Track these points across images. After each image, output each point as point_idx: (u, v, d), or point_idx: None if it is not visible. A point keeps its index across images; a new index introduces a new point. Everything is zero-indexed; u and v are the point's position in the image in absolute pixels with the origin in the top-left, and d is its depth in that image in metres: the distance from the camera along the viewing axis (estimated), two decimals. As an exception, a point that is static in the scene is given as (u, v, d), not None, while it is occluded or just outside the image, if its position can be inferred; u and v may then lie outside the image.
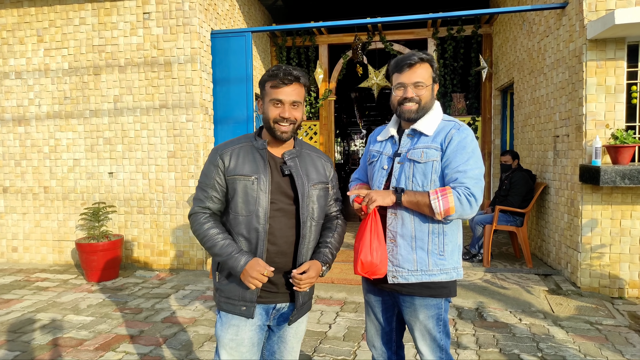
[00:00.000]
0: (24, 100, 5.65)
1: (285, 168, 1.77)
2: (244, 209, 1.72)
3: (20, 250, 5.78)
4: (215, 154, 1.79)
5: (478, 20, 7.47)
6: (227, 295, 1.78)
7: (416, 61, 1.86)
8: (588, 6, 4.10)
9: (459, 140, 1.82)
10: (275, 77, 1.70)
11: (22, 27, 5.60)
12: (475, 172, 1.78)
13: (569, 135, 4.51)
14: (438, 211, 1.74)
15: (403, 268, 1.86)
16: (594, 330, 3.46)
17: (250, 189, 1.72)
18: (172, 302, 4.22)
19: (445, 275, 1.86)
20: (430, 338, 1.91)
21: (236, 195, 1.73)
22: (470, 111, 7.77)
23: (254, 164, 1.75)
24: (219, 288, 1.82)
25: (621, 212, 4.15)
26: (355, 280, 4.62)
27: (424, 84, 1.87)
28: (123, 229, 5.48)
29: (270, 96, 1.72)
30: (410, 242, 1.85)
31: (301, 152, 1.85)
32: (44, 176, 5.67)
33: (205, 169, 1.81)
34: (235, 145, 1.81)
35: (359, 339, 3.36)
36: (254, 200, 1.71)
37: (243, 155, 1.77)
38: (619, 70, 4.08)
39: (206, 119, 5.36)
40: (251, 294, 1.74)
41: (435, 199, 1.74)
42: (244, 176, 1.73)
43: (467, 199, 1.73)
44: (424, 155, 1.83)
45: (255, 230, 1.71)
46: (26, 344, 3.35)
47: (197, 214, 1.80)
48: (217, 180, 1.76)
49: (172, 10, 5.19)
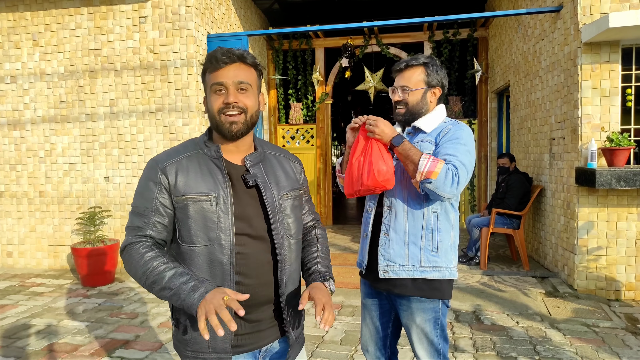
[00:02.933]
0: (20, 105, 5.63)
1: (250, 177, 1.41)
2: (201, 237, 1.34)
3: (15, 255, 5.75)
4: (154, 168, 1.37)
5: (474, 23, 7.50)
6: (193, 348, 1.38)
7: (403, 67, 1.93)
8: (583, 10, 4.12)
9: (454, 132, 1.84)
10: (212, 59, 1.35)
11: (18, 31, 5.58)
12: (464, 159, 1.76)
13: (564, 138, 4.53)
14: (421, 170, 1.70)
15: (394, 262, 1.86)
16: (591, 333, 3.46)
17: (208, 211, 1.34)
18: (167, 307, 4.20)
19: (438, 273, 1.85)
20: (427, 342, 1.90)
21: (188, 220, 1.34)
22: (466, 114, 7.79)
23: (209, 177, 1.37)
24: (181, 339, 1.41)
25: (617, 214, 4.16)
26: (353, 283, 4.61)
27: (409, 89, 1.91)
28: (119, 233, 5.46)
29: (210, 82, 1.36)
30: (403, 237, 1.85)
31: (265, 155, 1.49)
32: (40, 180, 5.64)
33: (141, 189, 1.39)
34: (180, 156, 1.40)
35: (356, 343, 3.35)
36: (213, 224, 1.34)
37: (194, 168, 1.38)
38: (613, 73, 4.10)
39: (202, 123, 5.35)
40: (223, 341, 1.35)
41: (426, 158, 1.72)
42: (197, 195, 1.34)
43: (452, 175, 1.71)
44: (419, 148, 1.85)
45: (219, 262, 1.34)
46: (21, 350, 3.32)
47: (133, 244, 1.35)
48: (160, 202, 1.35)
49: (168, 14, 5.19)
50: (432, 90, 1.94)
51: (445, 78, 1.97)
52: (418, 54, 1.98)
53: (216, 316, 1.14)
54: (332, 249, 6.24)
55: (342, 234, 7.43)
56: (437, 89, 1.95)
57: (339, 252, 6.09)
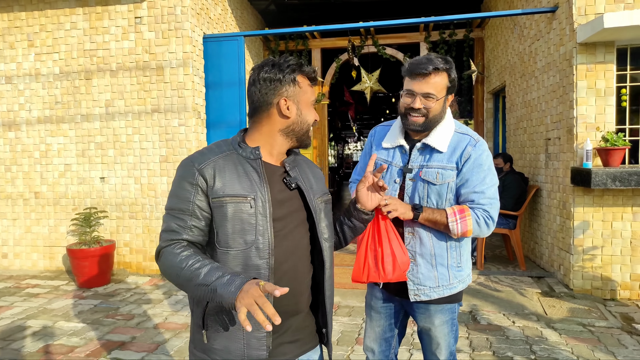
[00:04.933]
0: (15, 105, 5.60)
1: (292, 180, 1.39)
2: (238, 241, 1.29)
3: (11, 257, 5.71)
4: (191, 167, 1.32)
5: (470, 24, 7.52)
6: (223, 357, 1.30)
7: (430, 71, 1.69)
8: (578, 10, 4.14)
9: (476, 158, 1.74)
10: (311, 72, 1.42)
11: (13, 32, 5.55)
12: (491, 191, 1.76)
13: (560, 138, 4.55)
14: (455, 233, 1.72)
15: (425, 286, 1.83)
16: (587, 332, 3.47)
17: (246, 213, 1.29)
18: (164, 308, 4.19)
19: (462, 285, 1.88)
20: (443, 342, 1.90)
21: (225, 222, 1.29)
22: (462, 114, 7.81)
23: (245, 179, 1.32)
24: (210, 348, 1.32)
25: (612, 214, 4.18)
26: (349, 284, 4.61)
27: (435, 97, 1.71)
28: (115, 234, 5.44)
29: (306, 92, 1.42)
30: (430, 260, 1.82)
31: (296, 159, 1.48)
32: (35, 181, 5.62)
33: (176, 190, 1.33)
34: (216, 155, 1.35)
35: (353, 343, 3.35)
36: (251, 228, 1.29)
37: (229, 169, 1.33)
38: (608, 73, 4.12)
39: (199, 123, 5.34)
40: (258, 349, 1.28)
41: (454, 221, 1.70)
42: (236, 197, 1.29)
43: (485, 222, 1.72)
44: (440, 177, 1.75)
45: (256, 267, 1.29)
46: (16, 352, 3.30)
47: (168, 247, 1.30)
48: (197, 205, 1.30)
49: (164, 14, 5.18)
50: (448, 98, 1.79)
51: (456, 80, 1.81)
52: (434, 55, 1.75)
53: (261, 312, 1.06)
54: (329, 249, 6.23)
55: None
56: (451, 95, 1.80)
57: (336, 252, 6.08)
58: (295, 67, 1.37)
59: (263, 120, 1.39)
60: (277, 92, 1.36)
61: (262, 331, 1.28)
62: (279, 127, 1.39)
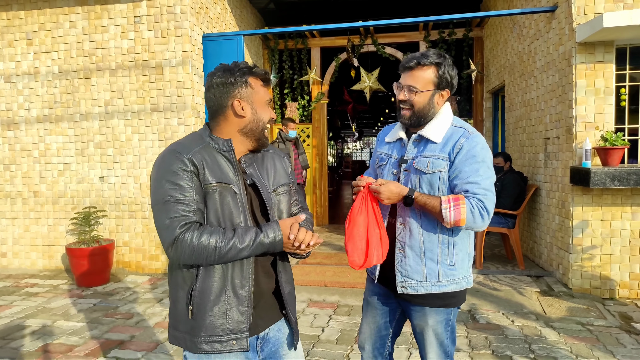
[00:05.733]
0: (13, 104, 5.59)
1: (246, 177, 1.49)
2: (227, 225, 1.40)
3: (10, 256, 5.71)
4: (180, 157, 1.37)
5: (469, 23, 7.52)
6: (209, 333, 1.39)
7: (413, 65, 1.77)
8: (577, 10, 4.14)
9: (468, 149, 1.73)
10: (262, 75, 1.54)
11: (12, 31, 5.54)
12: (487, 183, 1.72)
13: (559, 138, 4.55)
14: (448, 221, 1.70)
15: (412, 279, 1.82)
16: (586, 331, 3.48)
17: (232, 199, 1.40)
18: (163, 307, 4.19)
19: (456, 286, 1.83)
20: (437, 343, 1.89)
21: (216, 208, 1.39)
22: (462, 114, 7.81)
23: (224, 169, 1.42)
24: (194, 326, 1.40)
25: (611, 213, 4.18)
26: (349, 283, 4.61)
27: (417, 90, 1.77)
28: (114, 233, 5.43)
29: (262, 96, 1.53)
30: (419, 253, 1.81)
31: (255, 155, 1.58)
32: (34, 180, 5.61)
33: (173, 179, 1.35)
34: (198, 147, 1.42)
35: (352, 342, 3.35)
36: (237, 212, 1.40)
37: (212, 159, 1.42)
38: (607, 73, 4.12)
39: (198, 122, 5.34)
40: (240, 322, 1.41)
41: (447, 208, 1.69)
42: (222, 184, 1.39)
43: (479, 212, 1.69)
44: (430, 166, 1.76)
45: None
46: (15, 351, 3.30)
47: (185, 232, 1.33)
48: (195, 190, 1.37)
49: (163, 13, 5.17)
50: (440, 93, 1.82)
51: (455, 78, 1.83)
52: (429, 51, 1.80)
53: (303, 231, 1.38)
54: (328, 248, 6.24)
55: (338, 233, 7.43)
56: (445, 91, 1.83)
57: (335, 251, 6.09)
58: (246, 70, 1.46)
59: (221, 122, 1.49)
60: (231, 95, 1.45)
61: (244, 305, 1.42)
62: (237, 128, 1.48)
